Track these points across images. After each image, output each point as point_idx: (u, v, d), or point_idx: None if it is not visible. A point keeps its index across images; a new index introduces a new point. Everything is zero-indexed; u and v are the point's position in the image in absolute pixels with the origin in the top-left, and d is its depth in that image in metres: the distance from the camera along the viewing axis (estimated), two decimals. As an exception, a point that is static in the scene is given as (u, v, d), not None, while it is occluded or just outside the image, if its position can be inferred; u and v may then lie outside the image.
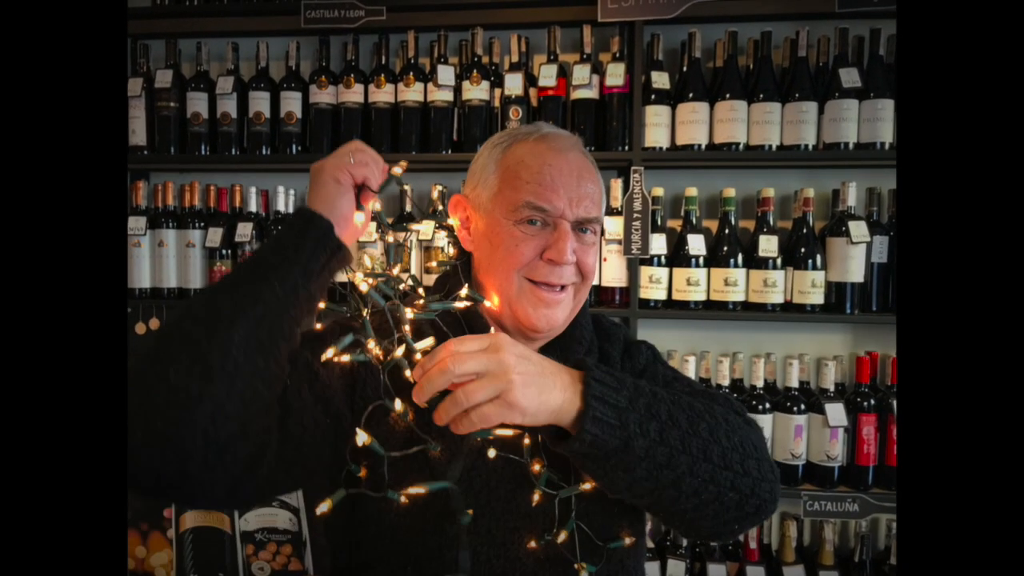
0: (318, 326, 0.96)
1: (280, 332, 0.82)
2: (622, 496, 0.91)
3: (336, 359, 0.88)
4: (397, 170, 0.94)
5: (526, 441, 0.91)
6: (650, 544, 2.08)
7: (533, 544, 0.93)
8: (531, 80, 2.13)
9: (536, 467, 0.92)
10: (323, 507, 0.86)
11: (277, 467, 0.85)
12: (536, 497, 0.92)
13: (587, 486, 0.94)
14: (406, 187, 1.95)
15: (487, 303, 1.00)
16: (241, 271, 0.85)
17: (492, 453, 0.93)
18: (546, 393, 0.82)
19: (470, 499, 0.93)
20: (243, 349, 0.78)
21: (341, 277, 0.94)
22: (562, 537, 0.93)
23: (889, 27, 2.03)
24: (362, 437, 0.86)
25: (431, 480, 0.90)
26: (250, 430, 0.80)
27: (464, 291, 0.96)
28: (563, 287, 1.00)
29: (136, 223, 2.20)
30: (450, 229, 1.10)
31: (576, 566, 0.94)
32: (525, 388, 0.80)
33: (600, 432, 0.83)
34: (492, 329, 0.97)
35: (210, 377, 0.76)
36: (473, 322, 1.01)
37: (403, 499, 0.87)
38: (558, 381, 0.84)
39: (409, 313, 0.91)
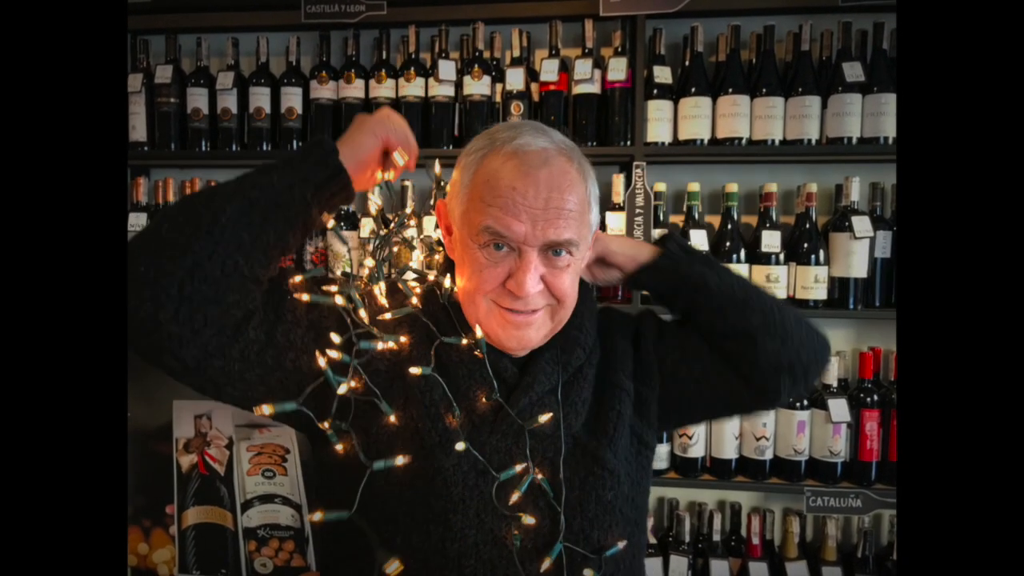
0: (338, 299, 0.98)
1: (270, 220, 0.90)
2: (698, 326, 1.09)
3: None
4: (437, 169, 1.08)
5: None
6: (652, 540, 2.08)
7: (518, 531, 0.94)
8: (532, 75, 2.12)
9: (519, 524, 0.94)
10: (266, 410, 0.91)
11: (253, 359, 0.90)
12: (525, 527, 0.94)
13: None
14: (406, 183, 1.95)
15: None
16: (251, 171, 0.94)
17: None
18: (627, 246, 1.12)
19: (461, 486, 0.94)
20: (232, 220, 0.87)
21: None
22: (546, 564, 0.93)
23: (892, 21, 2.02)
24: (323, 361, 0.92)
25: (423, 445, 0.94)
26: (224, 300, 0.86)
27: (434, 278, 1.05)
28: (534, 311, 0.96)
29: (137, 219, 2.19)
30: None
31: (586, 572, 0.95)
32: (615, 243, 1.12)
33: (672, 259, 1.09)
34: (479, 329, 0.97)
35: (196, 235, 0.85)
36: (457, 317, 1.01)
37: (400, 460, 0.93)
38: (639, 244, 1.14)
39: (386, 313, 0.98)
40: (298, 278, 0.96)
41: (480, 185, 0.95)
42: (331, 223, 0.99)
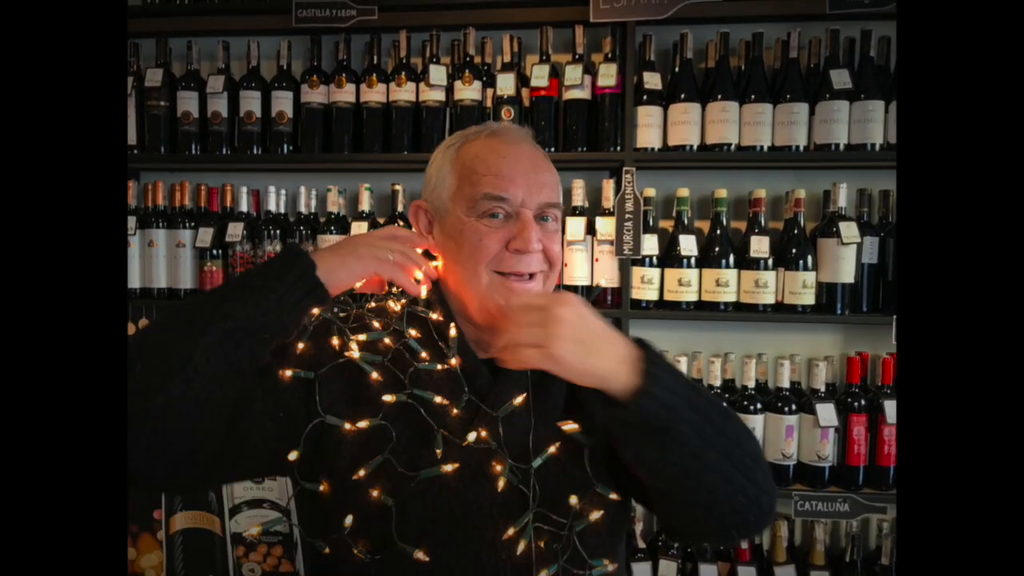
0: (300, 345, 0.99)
1: (246, 348, 0.88)
2: (641, 472, 0.92)
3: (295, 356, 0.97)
4: (421, 289, 1.00)
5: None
6: (641, 545, 2.08)
7: (499, 469, 0.93)
8: (523, 80, 2.13)
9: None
10: (292, 455, 0.94)
11: (221, 461, 0.92)
12: (521, 546, 0.93)
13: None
14: (396, 187, 1.94)
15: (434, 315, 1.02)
16: (227, 288, 0.94)
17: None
18: (593, 357, 0.85)
19: (445, 497, 0.94)
20: (206, 356, 0.84)
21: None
22: (512, 534, 0.93)
23: (880, 29, 2.04)
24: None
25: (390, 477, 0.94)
26: (198, 429, 0.86)
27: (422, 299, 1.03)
28: (532, 276, 1.00)
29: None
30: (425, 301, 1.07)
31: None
32: (569, 344, 0.83)
33: (653, 408, 0.84)
34: (452, 331, 0.99)
35: (171, 376, 0.83)
36: (442, 332, 1.01)
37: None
38: (612, 350, 0.86)
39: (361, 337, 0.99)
40: (288, 373, 0.95)
41: (467, 165, 1.01)
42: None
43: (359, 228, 2.09)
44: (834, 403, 1.97)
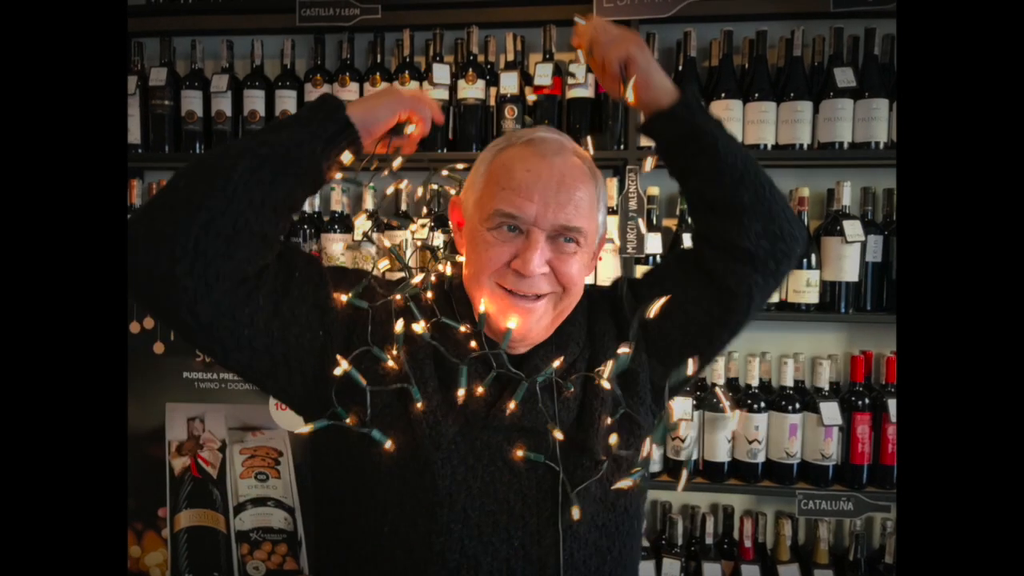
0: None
1: (280, 176, 0.91)
2: (723, 151, 1.03)
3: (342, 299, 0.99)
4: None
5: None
6: (645, 543, 2.08)
7: (520, 454, 0.96)
8: (527, 79, 2.12)
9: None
10: (304, 429, 0.95)
11: (261, 326, 0.92)
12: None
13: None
14: (403, 185, 1.94)
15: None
16: (264, 128, 0.98)
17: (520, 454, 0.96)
18: (659, 69, 1.06)
19: (449, 480, 0.95)
20: (244, 177, 0.88)
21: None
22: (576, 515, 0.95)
23: (884, 27, 2.04)
24: (343, 367, 0.93)
25: (414, 436, 0.95)
26: (235, 255, 0.88)
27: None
28: (538, 296, 0.97)
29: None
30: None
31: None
32: (647, 50, 1.04)
33: (700, 112, 1.04)
34: (483, 305, 1.00)
35: (212, 192, 0.87)
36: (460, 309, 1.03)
37: (389, 444, 0.94)
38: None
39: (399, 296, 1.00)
40: (344, 298, 0.98)
41: (496, 171, 1.00)
42: (339, 175, 1.03)
43: (363, 227, 2.09)
44: (838, 402, 1.97)
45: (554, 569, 0.95)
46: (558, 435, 0.95)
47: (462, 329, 0.98)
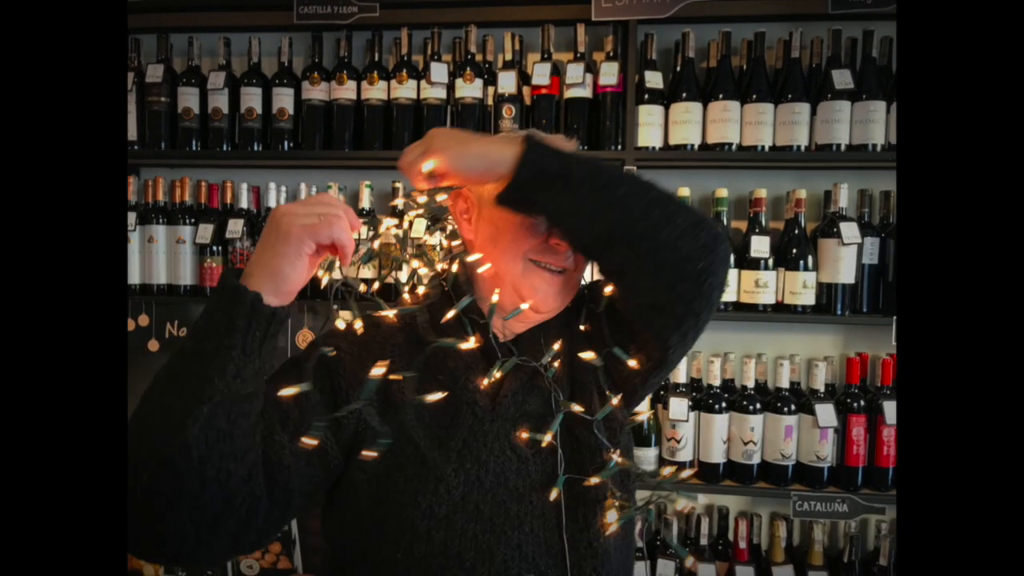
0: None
1: (236, 414, 0.82)
2: (574, 229, 0.94)
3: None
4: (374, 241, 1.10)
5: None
6: (639, 544, 2.08)
7: (524, 435, 0.97)
8: (525, 78, 2.12)
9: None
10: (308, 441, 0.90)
11: (272, 512, 0.88)
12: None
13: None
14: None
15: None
16: (183, 364, 0.82)
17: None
18: (473, 147, 0.90)
19: (461, 474, 0.96)
20: (203, 443, 0.78)
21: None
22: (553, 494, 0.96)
23: (882, 29, 2.04)
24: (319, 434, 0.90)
25: (423, 471, 0.95)
26: (234, 501, 0.83)
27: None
28: (562, 271, 1.03)
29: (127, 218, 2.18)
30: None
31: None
32: (449, 141, 0.89)
33: (541, 156, 0.89)
34: (494, 297, 1.02)
35: (179, 477, 0.78)
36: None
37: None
38: (494, 146, 0.90)
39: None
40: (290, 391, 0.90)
41: None
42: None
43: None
44: (833, 404, 1.97)
45: (559, 547, 0.96)
46: (576, 408, 0.99)
47: (461, 347, 0.99)
